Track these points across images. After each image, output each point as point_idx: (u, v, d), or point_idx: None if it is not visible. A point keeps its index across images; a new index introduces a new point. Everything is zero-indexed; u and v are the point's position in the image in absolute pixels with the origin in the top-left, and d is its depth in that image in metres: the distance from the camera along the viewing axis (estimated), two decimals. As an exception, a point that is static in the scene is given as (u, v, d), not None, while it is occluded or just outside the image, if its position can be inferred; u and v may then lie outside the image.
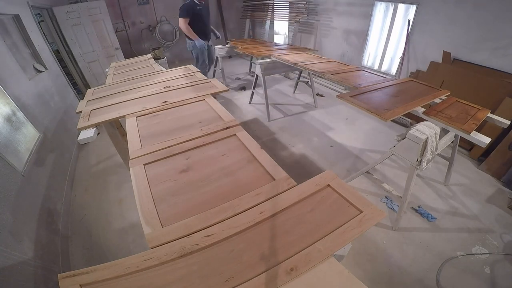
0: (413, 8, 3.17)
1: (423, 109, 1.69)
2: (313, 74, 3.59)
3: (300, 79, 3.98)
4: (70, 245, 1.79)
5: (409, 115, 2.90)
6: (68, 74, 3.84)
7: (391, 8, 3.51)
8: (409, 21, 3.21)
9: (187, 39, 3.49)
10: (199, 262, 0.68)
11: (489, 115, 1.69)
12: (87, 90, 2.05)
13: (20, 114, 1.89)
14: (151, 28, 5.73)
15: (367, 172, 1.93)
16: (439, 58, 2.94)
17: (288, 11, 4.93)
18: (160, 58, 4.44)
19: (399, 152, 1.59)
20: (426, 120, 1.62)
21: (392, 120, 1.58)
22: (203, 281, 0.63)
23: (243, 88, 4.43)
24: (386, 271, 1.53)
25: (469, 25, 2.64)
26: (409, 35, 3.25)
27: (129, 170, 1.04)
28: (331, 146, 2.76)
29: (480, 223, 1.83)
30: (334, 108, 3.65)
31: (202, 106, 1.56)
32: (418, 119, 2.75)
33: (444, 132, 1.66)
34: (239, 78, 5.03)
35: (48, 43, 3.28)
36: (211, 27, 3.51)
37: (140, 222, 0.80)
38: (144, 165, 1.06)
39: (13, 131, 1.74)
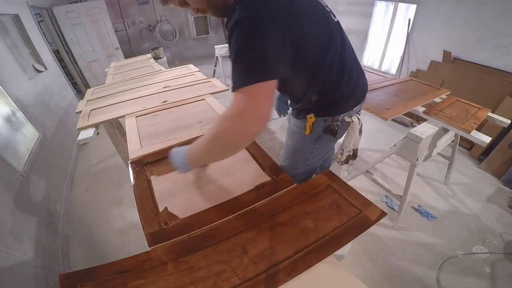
0: (413, 8, 3.17)
1: (424, 108, 1.68)
2: (313, 73, 3.58)
3: (300, 78, 3.97)
4: (70, 245, 1.79)
5: (409, 114, 2.90)
6: (68, 74, 3.84)
7: (391, 8, 3.50)
8: (409, 20, 3.21)
9: None
10: (199, 262, 0.68)
11: (490, 114, 1.69)
12: (87, 90, 2.05)
13: (19, 114, 1.89)
14: (151, 28, 5.72)
15: (367, 171, 1.93)
16: (439, 58, 2.94)
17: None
18: (160, 58, 4.44)
19: (399, 152, 1.59)
20: (426, 120, 1.62)
21: (392, 119, 1.58)
22: (203, 281, 0.63)
23: (243, 87, 4.43)
24: (386, 271, 1.53)
25: (469, 25, 2.63)
26: (409, 34, 3.25)
27: (129, 170, 1.04)
28: (331, 145, 2.76)
29: (480, 222, 1.83)
30: (334, 107, 3.64)
31: (202, 105, 1.56)
32: (419, 118, 2.74)
33: (444, 131, 1.66)
34: (239, 78, 5.03)
35: (48, 43, 3.28)
36: None
37: (140, 222, 0.80)
38: (143, 165, 1.06)
39: (13, 131, 1.74)
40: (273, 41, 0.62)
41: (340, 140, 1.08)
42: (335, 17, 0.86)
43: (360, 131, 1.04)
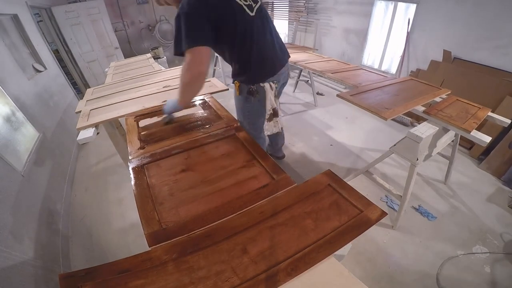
0: (413, 7, 3.17)
1: (423, 108, 1.68)
2: (313, 73, 3.58)
3: (300, 78, 3.97)
4: (70, 245, 1.79)
5: (409, 114, 2.90)
6: (67, 73, 3.83)
7: (391, 7, 3.50)
8: (409, 20, 3.20)
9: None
10: (199, 262, 0.68)
11: (490, 114, 1.69)
12: (86, 89, 2.05)
13: (19, 114, 1.88)
14: (150, 28, 5.72)
15: (367, 171, 1.93)
16: (439, 57, 2.93)
17: (287, 10, 4.92)
18: (159, 58, 4.43)
19: (399, 151, 1.59)
20: (426, 119, 1.62)
21: (392, 119, 1.58)
22: (203, 281, 0.63)
23: (243, 87, 4.43)
24: (387, 271, 1.53)
25: (469, 24, 2.63)
26: (409, 34, 3.24)
27: (129, 169, 1.04)
28: (331, 145, 2.76)
29: (480, 222, 1.83)
30: (334, 107, 3.64)
31: (201, 105, 1.56)
32: (419, 118, 2.74)
33: (444, 131, 1.66)
34: (239, 78, 5.03)
35: (47, 43, 3.27)
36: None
37: (140, 222, 0.80)
38: (143, 165, 1.06)
39: (13, 131, 1.73)
40: (196, 23, 1.08)
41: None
42: (252, 11, 1.24)
43: (275, 95, 1.47)
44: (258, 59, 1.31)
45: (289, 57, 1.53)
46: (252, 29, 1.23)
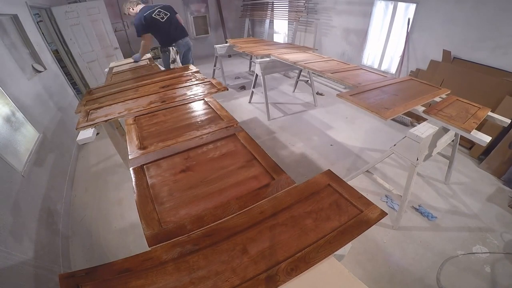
0: (412, 7, 3.17)
1: (423, 108, 1.68)
2: (312, 73, 3.58)
3: (300, 78, 3.97)
4: (70, 245, 1.79)
5: (409, 114, 2.90)
6: (67, 74, 3.83)
7: (391, 7, 3.50)
8: (408, 19, 3.20)
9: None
10: (199, 262, 0.68)
11: (489, 113, 1.69)
12: (86, 90, 2.05)
13: (19, 114, 1.88)
14: (150, 28, 5.71)
15: (367, 171, 1.93)
16: (439, 57, 2.93)
17: (287, 10, 4.92)
18: (159, 58, 4.42)
19: (399, 151, 1.59)
20: (426, 119, 1.62)
21: (392, 119, 1.58)
22: (203, 281, 0.63)
23: (242, 87, 4.43)
24: (387, 270, 1.53)
25: (469, 24, 2.63)
26: (409, 33, 3.24)
27: (129, 170, 1.04)
28: (331, 145, 2.76)
29: (480, 222, 1.83)
30: (334, 107, 3.64)
31: (201, 105, 1.56)
32: (418, 118, 2.75)
33: (444, 130, 1.66)
34: (238, 77, 5.02)
35: (47, 43, 3.27)
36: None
37: (140, 222, 0.80)
38: (143, 165, 1.06)
39: (13, 131, 1.73)
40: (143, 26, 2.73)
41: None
42: (163, 19, 2.79)
43: (177, 52, 3.04)
44: (165, 38, 2.92)
45: (187, 35, 3.06)
46: (160, 27, 2.76)
